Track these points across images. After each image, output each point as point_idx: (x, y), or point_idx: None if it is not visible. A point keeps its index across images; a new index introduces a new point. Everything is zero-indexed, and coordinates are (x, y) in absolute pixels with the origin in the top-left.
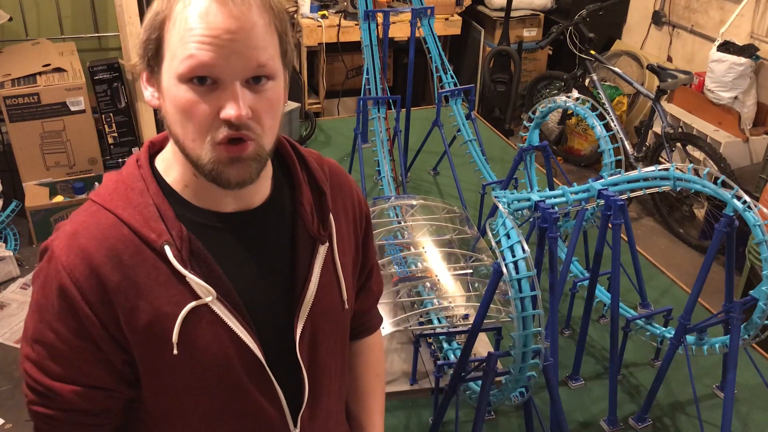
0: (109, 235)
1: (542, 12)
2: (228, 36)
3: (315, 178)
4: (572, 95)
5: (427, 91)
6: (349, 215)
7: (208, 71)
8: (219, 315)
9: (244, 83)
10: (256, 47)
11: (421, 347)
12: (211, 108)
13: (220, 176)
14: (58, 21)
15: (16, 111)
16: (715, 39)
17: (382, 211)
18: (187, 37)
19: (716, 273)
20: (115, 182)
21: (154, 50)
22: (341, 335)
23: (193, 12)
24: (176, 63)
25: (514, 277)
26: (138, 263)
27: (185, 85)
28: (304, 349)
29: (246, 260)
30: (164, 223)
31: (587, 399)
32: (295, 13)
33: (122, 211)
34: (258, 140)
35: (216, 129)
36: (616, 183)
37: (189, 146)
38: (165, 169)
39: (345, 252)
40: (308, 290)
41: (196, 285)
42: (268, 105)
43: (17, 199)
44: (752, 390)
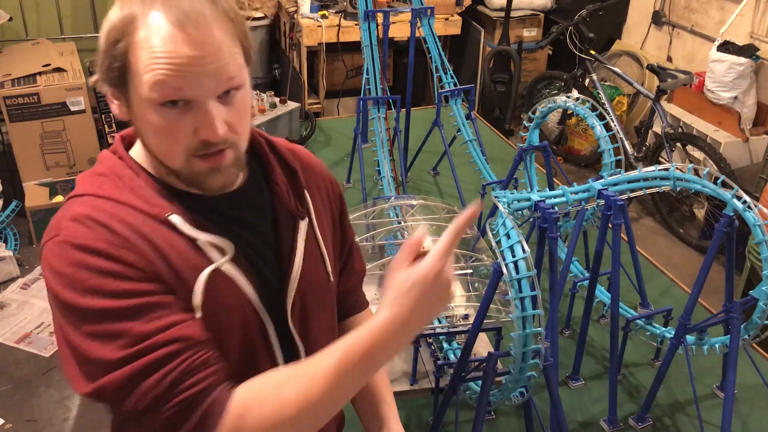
0: (117, 213)
1: (542, 12)
2: (197, 62)
3: (285, 158)
4: (572, 95)
5: (427, 91)
6: (323, 193)
7: (180, 95)
8: (229, 276)
9: (215, 99)
10: (225, 64)
11: (421, 347)
12: (187, 127)
13: (201, 185)
14: (58, 21)
15: (16, 111)
16: (715, 39)
17: (382, 211)
18: (155, 63)
19: (716, 273)
20: (99, 175)
21: (118, 73)
22: (329, 308)
23: (158, 39)
24: (146, 89)
25: (514, 277)
26: (150, 231)
27: (158, 109)
28: (296, 321)
29: (235, 237)
30: (163, 199)
31: (587, 399)
32: (295, 13)
33: (119, 195)
34: (235, 147)
35: (193, 146)
36: (616, 183)
37: (167, 160)
38: (142, 161)
39: (324, 227)
40: (294, 264)
41: (210, 247)
42: (239, 114)
43: (17, 199)
44: (752, 390)
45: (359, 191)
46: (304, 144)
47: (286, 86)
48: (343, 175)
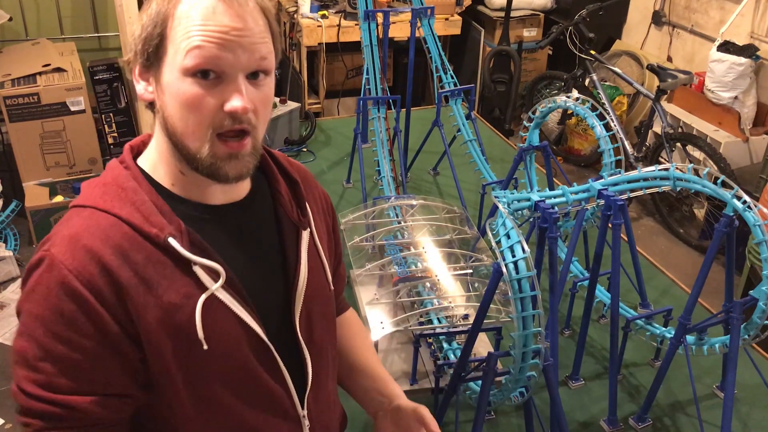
0: (112, 234)
1: (542, 12)
2: (235, 33)
3: (286, 170)
4: (572, 95)
5: (427, 91)
6: (319, 204)
7: (214, 64)
8: (225, 303)
9: (245, 78)
10: (258, 42)
11: (421, 347)
12: (215, 101)
13: (218, 171)
14: (58, 21)
15: (16, 111)
16: (715, 39)
17: (382, 211)
18: (194, 31)
19: (716, 273)
20: (102, 186)
21: (155, 46)
22: (331, 316)
23: (199, 10)
24: (180, 57)
25: (514, 277)
26: (143, 259)
27: (190, 79)
28: (303, 331)
29: (240, 249)
30: (163, 217)
31: (587, 399)
32: (295, 13)
33: (119, 210)
34: (254, 134)
35: (219, 121)
36: (616, 183)
37: (189, 139)
38: (150, 169)
39: (322, 237)
40: (300, 274)
41: (203, 274)
42: (265, 99)
43: (17, 199)
44: (752, 390)
45: (359, 191)
46: (305, 144)
47: (286, 86)
48: (343, 175)
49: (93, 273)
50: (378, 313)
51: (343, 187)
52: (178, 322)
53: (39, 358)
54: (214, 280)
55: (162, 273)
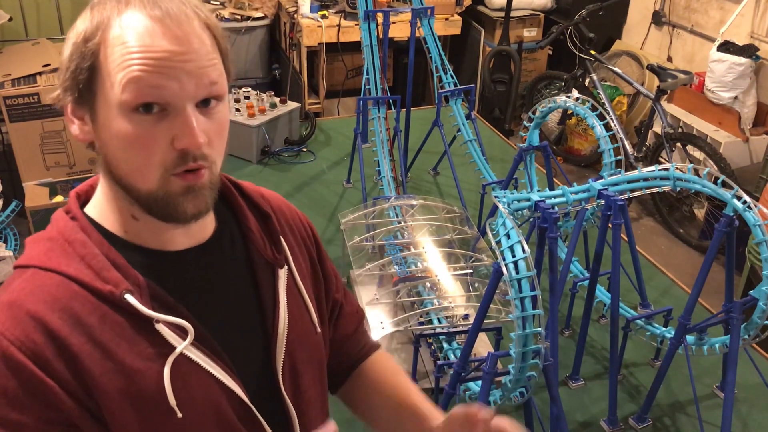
0: (59, 295)
1: (542, 12)
2: (178, 58)
3: (256, 203)
4: (572, 95)
5: (427, 91)
6: (297, 236)
7: (157, 96)
8: (197, 362)
9: (194, 107)
10: (206, 65)
11: (421, 347)
12: (162, 137)
13: (176, 210)
14: (58, 21)
15: (16, 111)
16: (715, 39)
17: (382, 211)
18: (130, 60)
19: (716, 273)
20: (47, 241)
21: (86, 80)
22: (319, 362)
23: (133, 34)
24: (117, 90)
25: (514, 277)
26: (97, 321)
27: (130, 114)
28: (287, 384)
29: (209, 299)
30: (118, 271)
31: (587, 399)
32: (295, 13)
33: (66, 267)
34: (211, 166)
35: (171, 161)
36: (616, 183)
37: (137, 181)
38: (99, 216)
39: (303, 274)
40: (280, 320)
41: (167, 332)
42: (219, 128)
43: (17, 199)
44: (752, 390)
45: (359, 191)
46: (305, 144)
47: (286, 86)
48: (343, 175)
49: (38, 342)
50: (378, 313)
51: (343, 187)
52: (144, 389)
53: None
54: (182, 338)
55: (120, 334)
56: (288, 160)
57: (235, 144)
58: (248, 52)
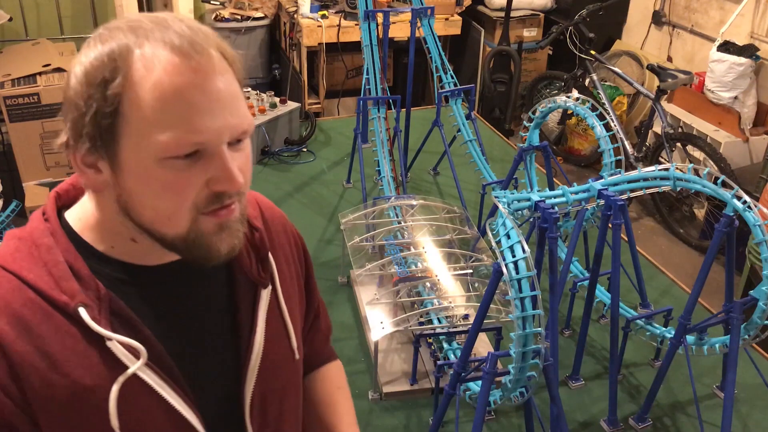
0: (12, 300)
1: (542, 12)
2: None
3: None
4: (572, 95)
5: (427, 91)
6: (287, 251)
7: (199, 143)
8: (149, 384)
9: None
10: (239, 108)
11: (421, 347)
12: (197, 180)
13: (209, 251)
14: (58, 21)
15: (16, 111)
16: (715, 39)
17: (382, 211)
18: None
19: (716, 273)
20: (17, 240)
21: (107, 127)
22: (295, 390)
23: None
24: (152, 141)
25: (514, 277)
26: (47, 331)
27: (164, 162)
28: (254, 413)
29: (178, 318)
30: (78, 282)
31: (587, 399)
32: (295, 13)
33: (27, 272)
34: (241, 199)
35: (203, 200)
36: (616, 183)
37: (164, 227)
38: (82, 228)
39: (290, 294)
40: (255, 344)
41: (120, 350)
42: (247, 160)
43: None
44: (752, 390)
45: (359, 191)
46: (305, 144)
47: (286, 86)
48: (343, 175)
49: None
50: (378, 313)
51: (343, 187)
52: (88, 406)
53: None
54: (137, 358)
55: (71, 348)
56: (288, 160)
57: None
58: (248, 52)
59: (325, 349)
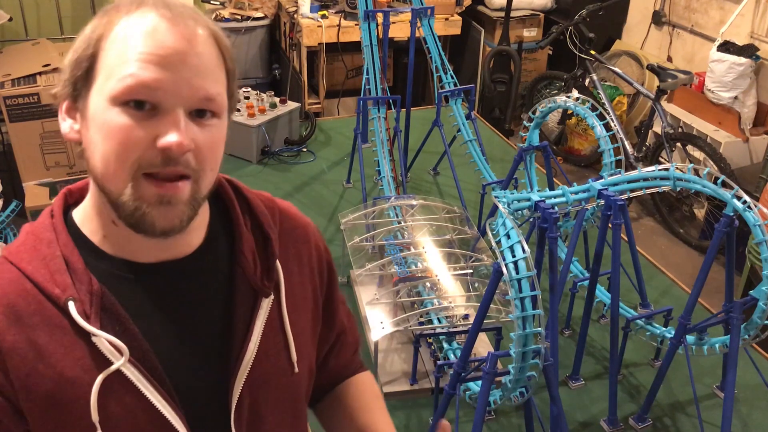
0: (9, 290)
1: (542, 12)
2: (177, 57)
3: (260, 222)
4: (572, 95)
5: (427, 91)
6: (304, 263)
7: (150, 94)
8: (133, 382)
9: (187, 113)
10: (206, 77)
11: (421, 347)
12: (146, 134)
13: (143, 219)
14: (58, 21)
15: (16, 111)
16: (715, 39)
17: (382, 211)
18: (129, 53)
19: (716, 273)
20: (26, 234)
21: (85, 70)
22: (291, 404)
23: (138, 29)
24: (112, 83)
25: (514, 277)
26: (39, 322)
27: (118, 108)
28: (242, 423)
29: (169, 318)
30: (71, 276)
31: (587, 399)
32: (295, 13)
33: (26, 264)
34: (195, 179)
35: (148, 159)
36: (616, 183)
37: (109, 179)
38: (82, 220)
39: (297, 306)
40: (247, 351)
41: (104, 346)
42: (212, 142)
43: (17, 199)
44: (752, 390)
45: (359, 191)
46: (305, 144)
47: (286, 86)
48: (343, 175)
49: None
50: (378, 313)
51: (343, 187)
52: (70, 398)
53: None
54: (121, 354)
55: (59, 340)
56: (288, 160)
57: (235, 144)
58: (248, 52)
59: (353, 360)
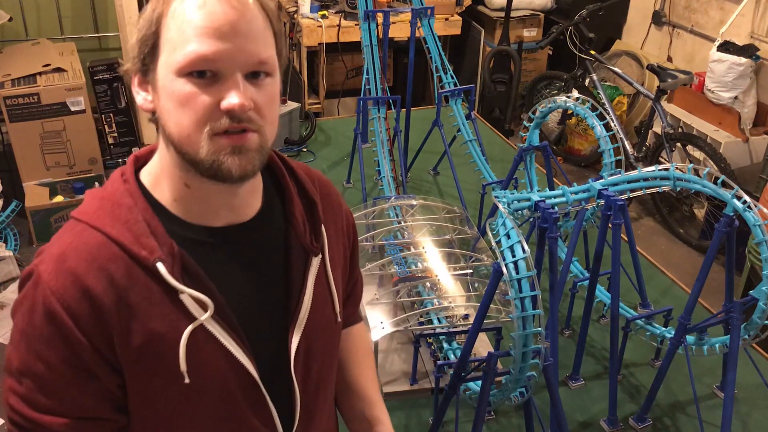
0: (99, 255)
1: (542, 12)
2: (229, 28)
3: (305, 188)
4: (572, 95)
5: (427, 91)
6: (339, 226)
7: (209, 65)
8: (214, 334)
9: (244, 76)
10: (257, 42)
11: (421, 347)
12: (211, 99)
13: (221, 168)
14: (58, 21)
15: (16, 111)
16: (715, 39)
17: (382, 211)
18: (187, 29)
19: (716, 273)
20: (99, 199)
21: (150, 47)
22: (333, 350)
23: (192, 4)
24: (175, 56)
25: (514, 277)
26: (130, 283)
27: (183, 79)
28: (298, 366)
29: (239, 276)
30: (155, 239)
31: (587, 399)
32: (295, 13)
33: (110, 228)
34: (260, 131)
35: (216, 120)
36: (616, 183)
37: (185, 142)
38: (152, 183)
39: (336, 264)
40: (303, 304)
41: (191, 302)
42: (269, 98)
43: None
44: (752, 390)
45: (359, 191)
46: (305, 144)
47: (286, 86)
48: (343, 175)
49: (74, 297)
50: (378, 313)
51: (343, 187)
52: (161, 351)
53: (21, 372)
54: (204, 310)
55: (149, 299)
56: None
57: None
58: None
59: (355, 311)
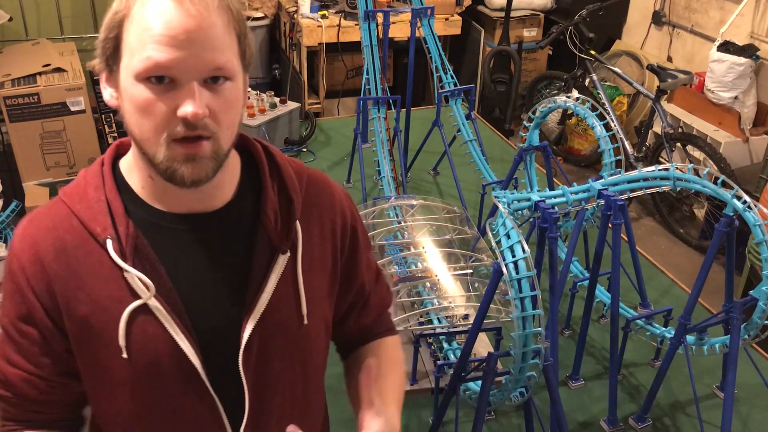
0: (59, 225)
1: (542, 12)
2: (185, 36)
3: (285, 185)
4: (572, 95)
5: (427, 91)
6: (326, 228)
7: (166, 71)
8: (157, 316)
9: (201, 83)
10: (214, 48)
11: (421, 347)
12: (167, 106)
13: (174, 174)
14: (58, 21)
15: (16, 111)
16: (715, 39)
17: (382, 211)
18: (145, 36)
19: (716, 273)
20: (82, 178)
21: (112, 49)
22: (300, 354)
23: (151, 11)
24: (134, 62)
25: (514, 277)
26: (82, 255)
27: (142, 84)
28: (249, 361)
29: (195, 263)
30: (112, 219)
31: (587, 399)
32: (295, 13)
33: (76, 204)
34: (215, 138)
35: (172, 127)
36: (616, 183)
37: (145, 144)
38: (127, 170)
39: (314, 265)
40: (260, 300)
41: (135, 282)
42: (226, 104)
43: (17, 199)
44: (752, 390)
45: (359, 191)
46: (305, 144)
47: (286, 86)
48: (343, 175)
49: (29, 259)
50: None
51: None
52: (103, 324)
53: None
54: (149, 290)
55: (97, 272)
56: None
57: None
58: None
59: (379, 323)
